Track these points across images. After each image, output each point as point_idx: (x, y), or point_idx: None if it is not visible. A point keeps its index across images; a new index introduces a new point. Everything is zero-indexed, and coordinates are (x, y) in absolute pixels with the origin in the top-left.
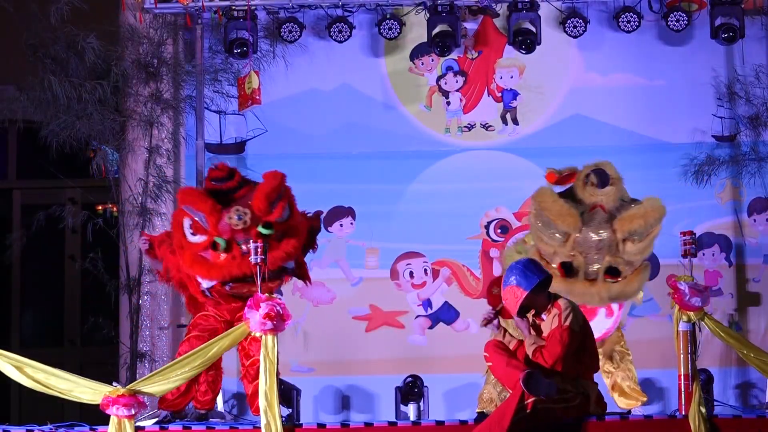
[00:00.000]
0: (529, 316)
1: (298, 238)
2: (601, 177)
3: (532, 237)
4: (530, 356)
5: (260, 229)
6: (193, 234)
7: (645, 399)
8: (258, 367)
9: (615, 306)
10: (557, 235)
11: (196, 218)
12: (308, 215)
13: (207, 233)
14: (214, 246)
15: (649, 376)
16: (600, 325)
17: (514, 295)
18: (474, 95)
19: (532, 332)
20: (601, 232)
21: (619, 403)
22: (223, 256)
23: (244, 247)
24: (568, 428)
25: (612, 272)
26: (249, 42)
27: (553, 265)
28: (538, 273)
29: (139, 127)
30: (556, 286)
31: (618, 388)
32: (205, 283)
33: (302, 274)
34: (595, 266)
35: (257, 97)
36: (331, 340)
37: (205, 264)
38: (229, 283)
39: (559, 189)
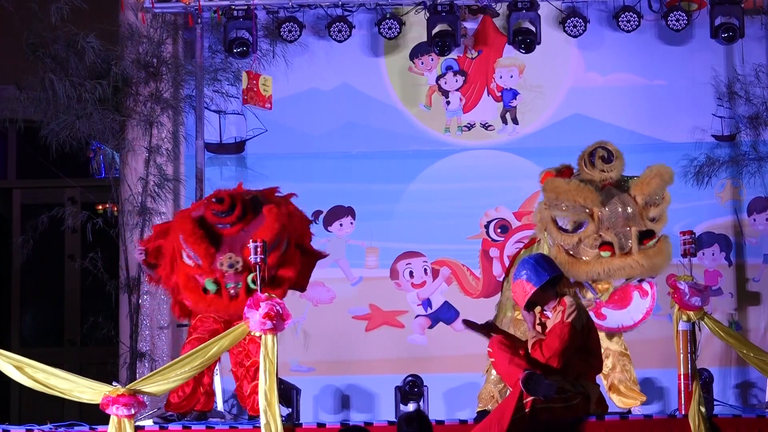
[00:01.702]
0: (536, 311)
1: (283, 288)
2: (607, 152)
3: (549, 235)
4: (530, 350)
5: (249, 282)
6: (188, 258)
7: (644, 399)
8: (256, 368)
9: (646, 285)
10: (581, 216)
11: (190, 254)
12: (317, 252)
13: (197, 265)
14: (204, 290)
15: (649, 376)
16: (639, 306)
17: (523, 289)
18: (474, 95)
19: (537, 328)
20: (625, 204)
21: (618, 403)
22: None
23: (232, 291)
24: (568, 428)
25: (646, 234)
26: (249, 41)
27: (592, 251)
28: (550, 270)
29: (139, 126)
30: (598, 267)
31: (615, 388)
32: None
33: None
34: (627, 241)
35: (270, 103)
36: (330, 340)
37: (195, 291)
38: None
39: None
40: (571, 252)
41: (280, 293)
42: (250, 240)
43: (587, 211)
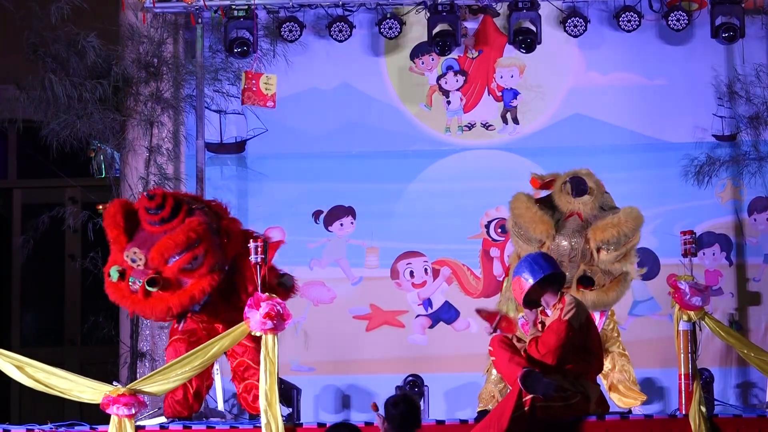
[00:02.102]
0: (538, 310)
1: (210, 279)
2: (578, 185)
3: (513, 243)
4: (527, 347)
5: (146, 284)
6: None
7: (644, 398)
8: (244, 367)
9: (596, 314)
10: (532, 241)
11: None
12: (278, 274)
13: (111, 254)
14: (109, 274)
15: (649, 376)
16: None
17: (519, 285)
18: (474, 94)
19: (538, 326)
20: (573, 240)
21: (618, 402)
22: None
23: (132, 286)
24: (567, 427)
25: (584, 281)
26: (249, 41)
27: None
28: (547, 267)
29: (140, 126)
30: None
31: (615, 388)
32: None
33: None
34: (568, 275)
35: (275, 101)
36: (331, 340)
37: (108, 278)
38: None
39: (544, 193)
40: None
41: (176, 300)
42: (158, 244)
43: (539, 241)
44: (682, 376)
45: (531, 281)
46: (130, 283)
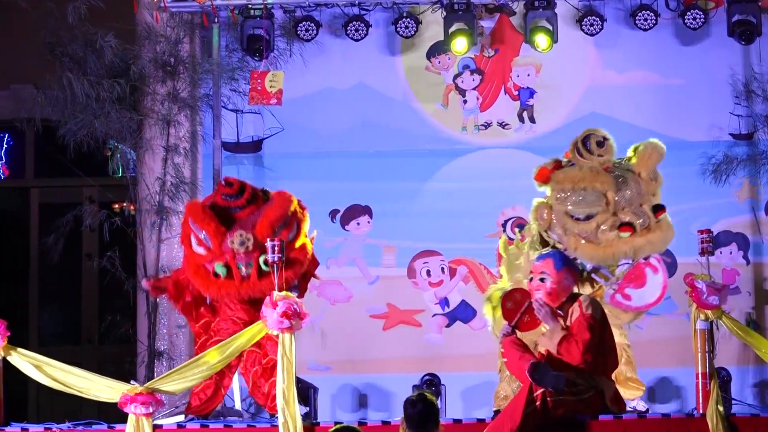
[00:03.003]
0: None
1: (294, 270)
2: (595, 138)
3: (559, 229)
4: (556, 345)
5: (261, 263)
6: (198, 245)
7: (643, 387)
8: (272, 365)
9: (654, 261)
10: (597, 202)
11: (200, 236)
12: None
13: (208, 250)
14: (215, 274)
15: (666, 375)
16: (655, 282)
17: (546, 264)
18: (491, 93)
19: (558, 321)
20: (634, 182)
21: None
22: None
23: (243, 271)
24: (580, 424)
25: (657, 208)
26: (266, 40)
27: (612, 233)
28: (571, 263)
29: (157, 125)
30: (624, 247)
31: (617, 380)
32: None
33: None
34: (645, 218)
35: (279, 98)
36: (348, 339)
37: (206, 277)
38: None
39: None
40: (590, 239)
41: (291, 275)
42: (261, 219)
43: (604, 195)
44: (700, 376)
45: (556, 268)
46: (239, 270)
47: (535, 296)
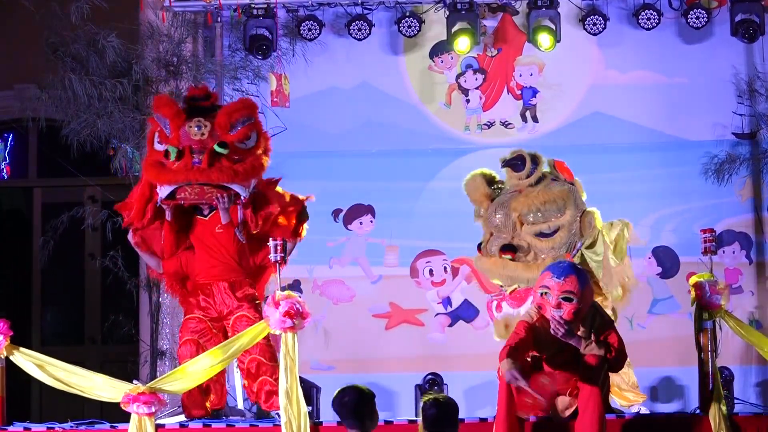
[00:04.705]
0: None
1: (264, 160)
2: (513, 161)
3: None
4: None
5: (215, 147)
6: (159, 143)
7: (644, 398)
8: (257, 365)
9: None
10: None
11: (161, 125)
12: (298, 198)
13: (167, 140)
14: (165, 154)
15: (669, 374)
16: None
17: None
18: (493, 93)
19: (576, 335)
20: (499, 211)
21: (619, 402)
22: (176, 165)
23: (196, 158)
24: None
25: (506, 248)
26: (269, 40)
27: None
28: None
29: None
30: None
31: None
32: (161, 191)
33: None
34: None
35: (275, 99)
36: (351, 338)
37: (159, 168)
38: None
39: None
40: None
41: (241, 168)
42: (220, 110)
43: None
44: (702, 375)
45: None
46: (193, 156)
47: (554, 315)
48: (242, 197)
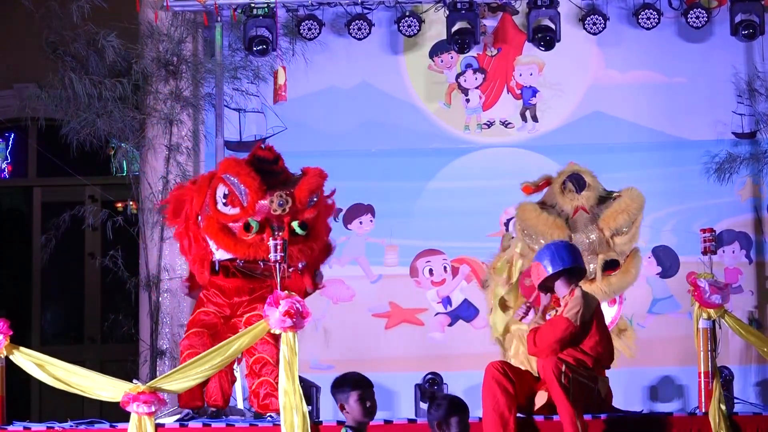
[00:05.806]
0: (550, 296)
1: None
2: (578, 181)
3: (521, 248)
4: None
5: (295, 226)
6: (225, 205)
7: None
8: (262, 364)
9: (606, 305)
10: None
11: (237, 191)
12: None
13: (242, 208)
14: (246, 227)
15: (668, 374)
16: (607, 312)
17: (537, 271)
18: (493, 92)
19: (545, 317)
20: (590, 234)
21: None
22: (251, 238)
23: (277, 232)
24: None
25: (610, 265)
26: (269, 39)
27: None
28: (568, 260)
29: (159, 124)
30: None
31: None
32: (220, 254)
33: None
34: (591, 266)
35: (283, 93)
36: (350, 338)
37: (232, 237)
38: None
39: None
40: None
41: (318, 246)
42: (301, 185)
43: None
44: (702, 374)
45: (549, 271)
46: (272, 231)
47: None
48: (300, 266)
